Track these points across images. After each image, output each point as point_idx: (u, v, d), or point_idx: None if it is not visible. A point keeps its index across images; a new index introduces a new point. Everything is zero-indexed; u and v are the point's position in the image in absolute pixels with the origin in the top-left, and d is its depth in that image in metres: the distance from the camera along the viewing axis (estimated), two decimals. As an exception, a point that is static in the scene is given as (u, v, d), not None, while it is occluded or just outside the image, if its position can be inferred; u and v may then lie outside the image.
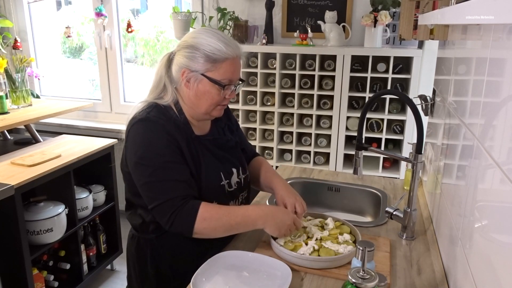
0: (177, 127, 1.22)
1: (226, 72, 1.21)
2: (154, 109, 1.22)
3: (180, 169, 1.19)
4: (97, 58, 3.36)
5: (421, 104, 1.70)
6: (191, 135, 1.25)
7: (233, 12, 2.79)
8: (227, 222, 1.18)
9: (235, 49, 1.21)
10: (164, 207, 1.16)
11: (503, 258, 0.68)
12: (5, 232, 1.92)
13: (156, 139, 1.18)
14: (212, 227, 1.17)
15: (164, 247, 1.29)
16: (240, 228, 1.22)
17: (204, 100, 1.23)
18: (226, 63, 1.20)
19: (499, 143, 0.74)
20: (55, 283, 2.26)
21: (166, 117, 1.22)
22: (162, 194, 1.16)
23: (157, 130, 1.18)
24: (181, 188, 1.17)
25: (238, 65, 1.24)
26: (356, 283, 0.84)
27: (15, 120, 2.51)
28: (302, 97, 2.66)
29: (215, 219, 1.17)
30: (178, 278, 1.28)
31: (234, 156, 1.37)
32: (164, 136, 1.18)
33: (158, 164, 1.17)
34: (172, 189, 1.17)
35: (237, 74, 1.25)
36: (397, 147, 2.64)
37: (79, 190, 2.38)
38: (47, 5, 3.52)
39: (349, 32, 2.62)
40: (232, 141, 1.39)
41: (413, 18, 1.55)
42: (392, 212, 1.39)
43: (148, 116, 1.19)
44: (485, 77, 0.87)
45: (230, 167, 1.33)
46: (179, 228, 1.17)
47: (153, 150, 1.17)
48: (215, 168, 1.28)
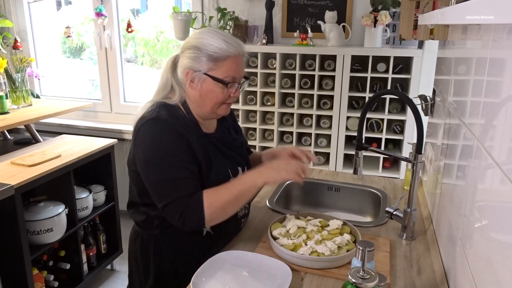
0: (186, 125, 1.24)
1: (229, 70, 1.22)
2: (163, 108, 1.24)
3: (189, 167, 1.20)
4: (97, 58, 3.36)
5: (421, 104, 1.70)
6: (200, 133, 1.27)
7: (233, 12, 2.79)
8: (230, 195, 1.20)
9: (237, 47, 1.23)
10: (174, 205, 1.18)
11: (503, 258, 0.68)
12: (5, 232, 1.92)
13: (166, 138, 1.20)
14: (220, 207, 1.19)
15: (167, 243, 1.31)
16: (245, 194, 1.22)
17: (208, 99, 1.25)
18: (228, 61, 1.21)
19: (499, 143, 0.74)
20: (55, 283, 2.26)
21: (175, 116, 1.23)
22: (173, 192, 1.18)
23: (167, 129, 1.20)
24: (190, 186, 1.20)
25: (240, 63, 1.25)
26: (356, 283, 0.84)
27: (15, 120, 2.51)
28: (302, 97, 2.66)
29: (218, 199, 1.19)
30: (178, 276, 1.29)
31: (240, 155, 1.39)
32: (173, 134, 1.20)
33: (169, 162, 1.19)
34: (182, 187, 1.19)
35: (240, 72, 1.26)
36: (397, 147, 2.64)
37: (79, 190, 2.38)
38: (47, 5, 3.52)
39: (349, 32, 2.62)
40: (238, 141, 1.42)
41: (413, 18, 1.55)
42: (392, 212, 1.39)
43: (158, 115, 1.21)
44: (485, 77, 0.87)
45: (236, 165, 1.35)
46: (192, 223, 1.20)
47: (164, 149, 1.19)
48: (223, 165, 1.30)
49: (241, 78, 1.27)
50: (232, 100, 1.29)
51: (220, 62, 1.21)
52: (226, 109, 1.29)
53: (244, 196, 1.22)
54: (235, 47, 1.22)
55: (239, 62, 1.25)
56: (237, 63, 1.24)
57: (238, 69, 1.24)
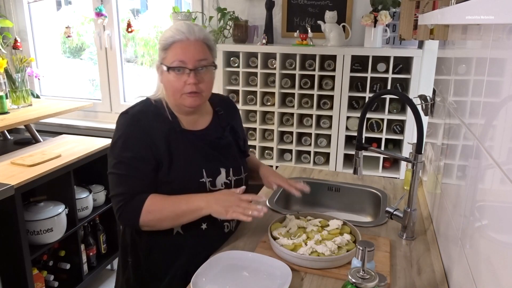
0: (161, 120, 1.26)
1: (176, 54, 1.21)
2: (140, 104, 1.30)
3: (140, 166, 1.22)
4: (97, 58, 3.36)
5: (421, 104, 1.70)
6: (177, 129, 1.27)
7: (233, 12, 2.79)
8: (172, 211, 1.22)
9: (186, 33, 1.21)
10: (115, 199, 1.23)
11: (503, 258, 0.68)
12: (5, 232, 1.92)
13: (128, 133, 1.24)
14: (158, 219, 1.22)
15: (141, 237, 1.31)
16: (187, 216, 1.22)
17: (168, 89, 1.26)
18: (174, 46, 1.22)
19: (499, 143, 0.74)
20: (55, 283, 2.26)
21: (148, 111, 1.27)
22: (117, 186, 1.23)
23: (131, 123, 1.24)
24: (136, 185, 1.22)
25: (189, 47, 1.21)
26: (356, 283, 0.84)
27: (15, 120, 2.51)
28: (302, 97, 2.66)
29: (159, 211, 1.21)
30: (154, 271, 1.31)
31: (225, 156, 1.34)
32: (136, 130, 1.23)
33: (121, 158, 1.23)
34: (128, 184, 1.22)
35: (190, 57, 1.21)
36: (397, 147, 2.64)
37: (79, 190, 2.38)
38: (47, 5, 3.52)
39: (349, 32, 2.62)
40: (225, 141, 1.37)
41: (413, 18, 1.55)
42: (392, 212, 1.39)
43: (128, 110, 1.27)
44: (485, 77, 0.87)
45: (217, 165, 1.31)
46: (125, 221, 1.25)
47: (122, 144, 1.23)
48: (195, 163, 1.28)
49: (194, 63, 1.21)
50: (192, 89, 1.22)
51: (168, 49, 1.22)
52: (189, 100, 1.24)
53: (185, 217, 1.23)
54: (184, 33, 1.21)
55: (187, 47, 1.21)
56: (184, 47, 1.21)
57: (186, 54, 1.20)
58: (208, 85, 1.27)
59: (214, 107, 1.41)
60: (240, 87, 2.68)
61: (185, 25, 1.23)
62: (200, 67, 1.23)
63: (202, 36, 1.24)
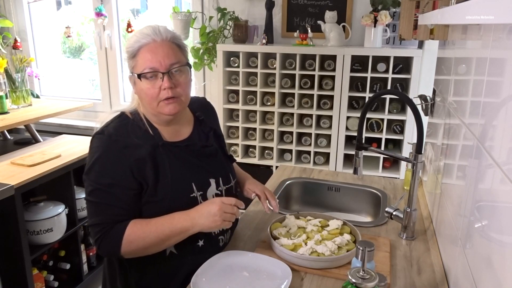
0: (141, 136, 1.16)
1: (145, 60, 1.11)
2: (115, 120, 1.19)
3: (119, 193, 1.12)
4: (97, 58, 3.36)
5: (421, 104, 1.70)
6: (159, 142, 1.17)
7: (233, 12, 2.79)
8: (156, 237, 1.11)
9: (151, 34, 1.12)
10: (93, 229, 1.13)
11: (503, 258, 0.68)
12: (5, 232, 1.92)
13: (104, 156, 1.12)
14: (142, 247, 1.12)
15: (130, 262, 1.21)
16: (173, 238, 1.13)
17: (143, 99, 1.15)
18: (142, 51, 1.12)
19: (499, 143, 0.74)
20: (55, 283, 2.26)
21: (128, 127, 1.16)
22: (95, 215, 1.13)
23: (108, 146, 1.13)
24: (113, 214, 1.12)
25: (157, 49, 1.11)
26: (356, 283, 0.84)
27: (15, 120, 2.51)
28: (302, 97, 2.66)
29: (142, 239, 1.11)
30: None
31: (212, 165, 1.26)
32: (114, 153, 1.12)
33: (98, 185, 1.12)
34: (105, 213, 1.12)
35: (159, 59, 1.11)
36: (397, 147, 2.64)
37: (79, 190, 2.37)
38: (47, 5, 3.52)
39: (349, 32, 2.62)
40: (211, 149, 1.28)
41: (413, 18, 1.55)
42: (392, 212, 1.39)
43: (103, 129, 1.16)
44: (485, 77, 0.87)
45: (206, 177, 1.23)
46: (105, 253, 1.16)
47: (99, 169, 1.12)
48: (184, 178, 1.19)
49: (166, 66, 1.11)
50: (169, 94, 1.12)
51: (136, 56, 1.12)
52: (168, 107, 1.14)
53: (171, 240, 1.13)
54: (149, 35, 1.11)
55: (155, 49, 1.11)
56: (152, 50, 1.11)
57: (156, 57, 1.10)
58: (185, 87, 1.16)
59: (193, 112, 1.32)
60: (240, 87, 2.68)
61: (149, 27, 1.14)
62: (173, 69, 1.13)
63: (170, 35, 1.14)
